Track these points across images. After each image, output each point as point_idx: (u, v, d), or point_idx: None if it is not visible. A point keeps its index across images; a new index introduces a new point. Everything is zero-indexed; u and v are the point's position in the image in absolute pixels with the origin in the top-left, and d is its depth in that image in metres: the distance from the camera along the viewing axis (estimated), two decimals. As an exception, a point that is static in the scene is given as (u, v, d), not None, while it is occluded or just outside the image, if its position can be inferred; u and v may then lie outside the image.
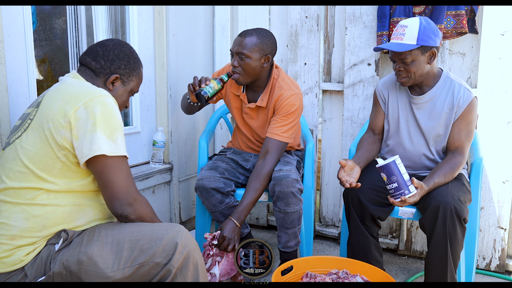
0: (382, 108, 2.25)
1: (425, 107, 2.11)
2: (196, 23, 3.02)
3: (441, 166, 2.03)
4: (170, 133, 2.83)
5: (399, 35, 2.00)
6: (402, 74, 2.04)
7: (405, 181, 1.84)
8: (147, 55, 2.75)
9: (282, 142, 2.24)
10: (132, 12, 2.62)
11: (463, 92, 2.05)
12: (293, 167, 2.24)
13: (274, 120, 2.26)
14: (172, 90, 2.82)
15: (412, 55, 1.98)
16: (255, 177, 2.18)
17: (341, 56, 2.85)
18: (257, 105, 2.31)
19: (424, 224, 1.93)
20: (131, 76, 1.61)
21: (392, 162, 1.85)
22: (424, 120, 2.12)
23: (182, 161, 2.96)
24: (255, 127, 2.38)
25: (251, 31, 2.18)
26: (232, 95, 2.41)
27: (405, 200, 1.85)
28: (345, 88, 2.78)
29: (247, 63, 2.18)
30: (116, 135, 1.41)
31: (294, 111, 2.24)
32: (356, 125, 2.79)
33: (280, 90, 2.26)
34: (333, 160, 2.97)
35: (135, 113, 2.74)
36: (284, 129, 2.23)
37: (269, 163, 2.19)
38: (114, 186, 1.40)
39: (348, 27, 2.73)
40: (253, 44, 2.16)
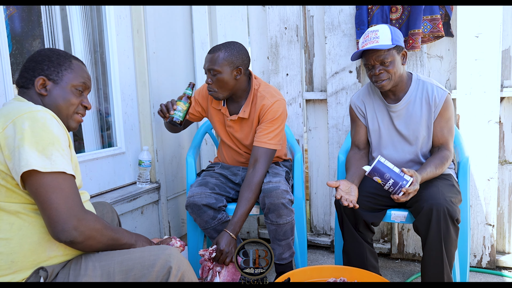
0: (362, 121, 2.24)
1: (403, 113, 2.12)
2: (176, 39, 3.02)
3: (430, 159, 2.05)
4: (156, 151, 2.81)
5: (373, 39, 2.02)
6: (383, 77, 2.03)
7: (398, 174, 1.86)
8: (128, 74, 2.74)
9: (270, 150, 2.24)
10: (110, 31, 2.62)
11: (437, 91, 2.07)
12: (282, 178, 2.23)
13: (259, 128, 2.25)
14: (155, 108, 2.80)
15: (391, 55, 2.00)
16: (246, 187, 2.16)
17: (322, 65, 2.86)
18: (239, 116, 2.30)
19: (418, 227, 1.94)
20: (60, 72, 1.49)
21: (378, 163, 1.88)
22: (405, 126, 2.12)
23: (169, 179, 2.94)
24: (240, 138, 2.37)
25: (219, 46, 2.20)
26: (214, 110, 2.41)
27: (407, 190, 1.85)
28: (328, 97, 2.80)
29: (219, 78, 2.19)
30: (49, 150, 1.28)
31: (279, 116, 2.24)
32: (342, 132, 2.79)
33: (263, 100, 2.27)
34: (320, 169, 2.96)
35: (119, 133, 2.71)
36: (271, 136, 2.23)
37: (259, 172, 2.19)
38: (52, 208, 1.27)
39: (328, 36, 2.75)
40: (222, 59, 2.17)
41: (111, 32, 2.61)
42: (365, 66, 2.08)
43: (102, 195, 2.53)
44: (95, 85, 2.59)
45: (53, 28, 2.30)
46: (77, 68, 1.52)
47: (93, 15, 2.56)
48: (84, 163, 2.44)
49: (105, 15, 2.60)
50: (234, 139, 2.41)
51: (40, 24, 2.28)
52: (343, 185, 1.99)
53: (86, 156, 2.46)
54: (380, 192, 2.03)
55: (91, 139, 2.56)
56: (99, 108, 2.64)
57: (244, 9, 2.99)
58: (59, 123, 1.36)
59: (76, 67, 1.52)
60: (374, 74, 2.04)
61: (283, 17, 2.85)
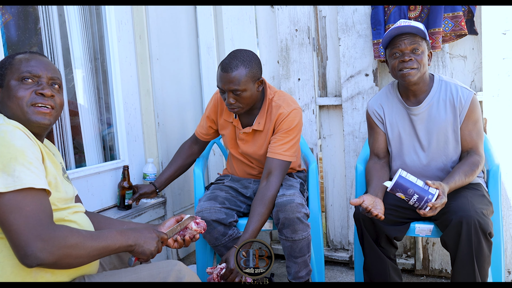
0: (381, 128, 2.21)
1: (425, 117, 2.09)
2: (180, 44, 3.01)
3: (459, 166, 2.01)
4: (161, 164, 2.79)
5: (406, 22, 2.01)
6: (413, 65, 1.99)
7: (422, 188, 1.82)
8: (131, 82, 2.72)
9: (285, 162, 2.21)
10: (111, 37, 2.60)
11: (462, 92, 2.04)
12: (297, 191, 2.20)
13: (274, 138, 2.23)
14: (159, 117, 2.78)
15: (423, 46, 2.00)
16: (259, 202, 2.13)
17: (336, 68, 2.82)
18: (253, 129, 2.27)
19: (446, 241, 1.89)
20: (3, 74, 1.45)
21: (399, 178, 1.84)
22: (428, 131, 2.09)
23: (175, 193, 2.92)
24: (252, 152, 2.33)
25: (233, 62, 2.12)
26: (224, 122, 2.38)
27: (434, 205, 1.81)
28: (343, 102, 2.76)
29: (244, 96, 2.15)
30: (12, 166, 1.23)
31: (295, 127, 2.22)
32: (359, 140, 2.75)
33: (278, 109, 2.24)
34: (336, 179, 2.92)
35: (122, 145, 2.68)
36: (286, 147, 2.20)
37: (273, 185, 2.16)
38: (12, 231, 1.20)
39: (342, 38, 2.71)
40: (244, 76, 2.11)
41: (112, 38, 2.60)
42: (390, 56, 2.04)
43: (105, 211, 2.49)
44: (96, 94, 2.56)
45: (51, 35, 2.29)
46: (17, 62, 1.45)
47: (93, 21, 2.54)
48: (85, 177, 2.41)
49: (106, 20, 2.58)
50: (245, 153, 2.38)
51: (37, 32, 2.26)
52: (367, 200, 1.94)
53: (87, 170, 2.43)
54: (403, 204, 1.97)
55: (92, 152, 2.54)
56: (101, 118, 2.62)
57: (252, 11, 2.97)
58: (25, 134, 1.31)
59: (17, 62, 1.45)
60: (403, 60, 1.99)
61: (294, 18, 2.82)
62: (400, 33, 2.01)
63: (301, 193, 2.24)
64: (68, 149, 2.38)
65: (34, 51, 1.54)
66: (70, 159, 2.39)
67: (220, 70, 2.14)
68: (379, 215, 1.90)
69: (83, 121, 2.47)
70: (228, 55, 2.18)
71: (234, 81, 2.10)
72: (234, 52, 2.19)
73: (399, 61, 2.01)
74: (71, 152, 2.39)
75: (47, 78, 1.46)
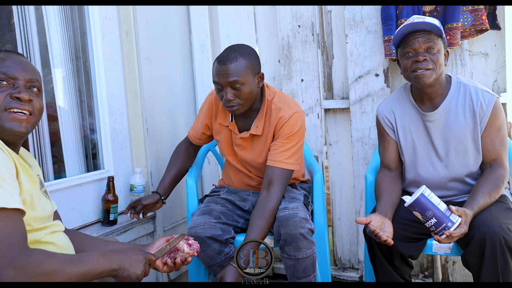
0: (392, 136, 2.16)
1: (442, 123, 2.03)
2: (172, 42, 2.98)
3: (482, 184, 1.94)
4: (150, 174, 2.74)
5: (420, 18, 1.95)
6: (427, 65, 1.93)
7: (443, 212, 1.77)
8: (116, 84, 2.66)
9: (287, 170, 2.16)
10: (94, 34, 2.54)
11: (483, 95, 1.98)
12: (300, 204, 2.14)
13: (274, 144, 2.18)
14: (148, 123, 2.73)
15: (439, 44, 1.95)
16: (258, 215, 2.07)
17: (343, 68, 2.79)
18: (251, 133, 2.22)
19: (468, 260, 1.82)
20: None
21: (421, 196, 1.78)
22: (445, 140, 2.03)
23: (166, 206, 2.82)
24: (250, 159, 2.28)
25: (231, 54, 2.10)
26: (219, 126, 2.33)
27: (451, 234, 1.75)
28: (351, 105, 2.72)
29: (244, 91, 2.09)
30: None
31: (297, 131, 2.17)
32: (368, 146, 2.69)
33: (279, 112, 2.19)
34: (344, 190, 2.87)
35: (106, 153, 2.62)
36: (288, 154, 2.15)
37: (275, 196, 2.10)
38: None
39: (349, 34, 2.67)
40: (244, 67, 2.08)
41: (96, 36, 2.54)
42: (402, 55, 1.99)
43: (87, 228, 2.42)
44: (77, 97, 2.50)
45: (27, 31, 2.21)
46: None
47: (74, 16, 2.47)
48: (65, 190, 2.35)
49: (88, 15, 2.52)
50: (243, 161, 2.33)
51: (11, 27, 2.18)
52: (375, 220, 1.89)
53: (67, 182, 2.37)
54: (417, 219, 1.90)
55: (73, 161, 2.47)
56: (83, 124, 2.56)
57: (250, 5, 2.95)
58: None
59: None
60: (416, 60, 1.93)
61: (296, 13, 2.78)
62: (413, 30, 1.94)
63: (305, 206, 2.18)
64: (46, 158, 2.31)
65: (10, 50, 1.47)
66: (48, 169, 2.33)
67: (216, 64, 2.11)
68: (388, 241, 1.84)
69: (63, 127, 2.41)
70: (225, 49, 2.16)
71: (233, 73, 2.06)
72: (230, 46, 2.17)
73: (412, 61, 1.95)
74: (49, 161, 2.33)
75: (25, 80, 1.42)
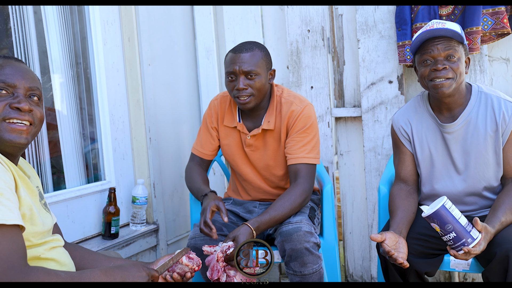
0: (408, 148, 2.16)
1: (461, 135, 2.03)
2: (175, 47, 2.99)
3: (503, 199, 1.93)
4: (153, 185, 2.75)
5: (440, 23, 1.95)
6: (447, 74, 1.92)
7: (463, 227, 1.75)
8: (118, 91, 2.68)
9: (310, 165, 2.20)
10: (96, 39, 2.57)
11: (505, 106, 1.97)
12: (305, 217, 2.15)
13: (291, 141, 2.22)
14: (151, 132, 2.74)
15: (460, 52, 1.94)
16: (284, 196, 2.13)
17: (355, 74, 2.80)
18: (263, 128, 2.25)
19: (490, 278, 1.81)
20: None
21: (442, 208, 1.75)
22: (464, 153, 2.04)
23: (169, 219, 2.88)
24: (262, 161, 2.30)
25: (246, 44, 2.21)
26: (226, 129, 2.34)
27: (470, 251, 1.73)
28: (363, 113, 2.74)
29: (257, 82, 2.17)
30: None
31: (312, 124, 2.24)
32: (381, 157, 2.70)
33: (290, 105, 2.25)
34: (356, 203, 2.88)
35: (107, 164, 2.64)
36: (308, 148, 2.20)
37: (302, 186, 2.16)
38: None
39: (361, 39, 2.69)
40: (260, 58, 2.18)
41: (97, 41, 2.57)
42: (420, 63, 1.98)
43: (87, 241, 2.45)
44: (77, 104, 2.53)
45: (26, 36, 2.25)
46: None
47: (74, 20, 2.51)
48: (65, 202, 2.38)
49: (89, 19, 2.56)
50: (256, 164, 2.33)
51: (8, 32, 2.22)
52: (390, 239, 1.87)
53: (67, 193, 2.40)
54: (434, 233, 1.90)
55: (73, 172, 2.50)
56: (83, 133, 2.58)
57: (257, 9, 2.98)
58: None
59: None
60: (435, 68, 1.93)
61: (305, 17, 2.79)
62: (432, 37, 1.94)
63: (310, 219, 2.19)
64: (45, 169, 2.34)
65: (8, 56, 1.48)
66: (48, 180, 2.35)
67: (231, 54, 2.19)
68: (404, 264, 1.83)
69: (63, 136, 2.43)
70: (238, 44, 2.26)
71: (249, 61, 2.15)
72: (247, 41, 2.28)
73: (430, 70, 1.95)
74: (48, 172, 2.35)
75: (25, 88, 1.41)
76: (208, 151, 2.40)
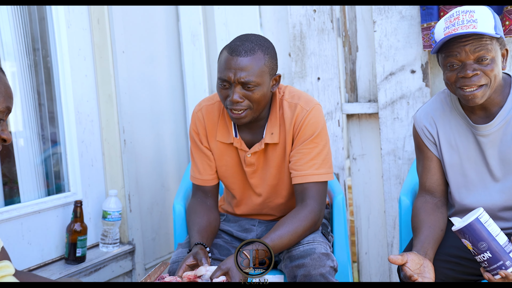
0: (434, 152, 2.05)
1: (499, 138, 1.93)
2: (155, 32, 2.96)
3: None
4: (128, 197, 2.71)
5: (469, 22, 1.80)
6: (477, 81, 1.80)
7: (501, 247, 1.68)
8: (86, 84, 2.63)
9: (321, 183, 2.08)
10: (57, 21, 2.50)
11: None
12: (318, 235, 2.06)
13: (297, 153, 2.09)
14: (126, 133, 2.69)
15: (493, 50, 1.80)
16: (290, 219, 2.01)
17: (370, 62, 2.75)
18: (266, 142, 2.12)
19: None
20: None
21: (476, 221, 1.69)
22: (503, 159, 1.95)
23: (148, 238, 2.85)
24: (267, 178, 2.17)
25: (247, 44, 2.03)
26: (220, 146, 2.19)
27: (508, 276, 1.66)
28: (380, 109, 2.67)
29: (256, 93, 2.00)
30: None
31: (322, 130, 2.12)
32: (403, 161, 2.63)
33: (295, 109, 2.11)
34: (372, 217, 2.82)
35: (72, 172, 2.58)
36: (318, 162, 2.07)
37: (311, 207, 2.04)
38: None
39: (377, 21, 2.62)
40: (263, 64, 2.00)
41: (59, 22, 2.49)
42: (444, 65, 1.88)
43: (47, 267, 2.39)
44: (35, 100, 2.48)
45: None
46: None
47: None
48: (19, 219, 2.31)
49: None
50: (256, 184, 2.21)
51: None
52: (412, 261, 1.79)
53: (22, 208, 2.34)
54: (468, 255, 1.82)
55: (29, 182, 2.45)
56: (42, 134, 2.54)
57: None
58: None
59: None
60: (464, 76, 1.81)
61: None
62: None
63: (324, 237, 2.10)
64: None
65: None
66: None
67: (227, 54, 2.02)
68: None
69: (17, 138, 2.39)
70: (237, 38, 2.08)
71: (248, 69, 1.98)
72: (244, 35, 2.10)
73: (458, 76, 1.84)
74: None
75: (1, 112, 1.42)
76: (210, 176, 2.25)
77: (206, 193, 2.25)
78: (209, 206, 2.25)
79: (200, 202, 2.24)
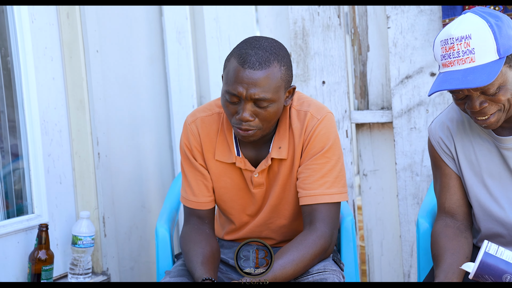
0: (452, 167, 2.02)
1: None
2: (134, 27, 2.94)
3: None
4: (103, 220, 2.68)
5: (465, 54, 1.78)
6: (488, 111, 1.79)
7: None
8: (53, 89, 2.60)
9: (333, 205, 2.05)
10: (18, 15, 2.47)
11: None
12: (329, 263, 2.03)
13: (306, 170, 2.06)
14: (100, 145, 2.67)
15: (499, 78, 1.78)
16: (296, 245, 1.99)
17: (383, 64, 2.71)
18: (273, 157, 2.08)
19: None
20: None
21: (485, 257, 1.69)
22: None
23: (125, 267, 2.82)
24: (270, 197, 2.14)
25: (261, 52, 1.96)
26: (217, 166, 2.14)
27: None
28: (394, 118, 2.64)
29: (269, 111, 1.96)
30: None
31: (334, 142, 2.09)
32: (421, 178, 2.61)
33: (305, 117, 2.08)
34: (386, 242, 2.78)
35: (37, 190, 2.54)
36: (330, 180, 2.04)
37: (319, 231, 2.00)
38: None
39: (391, 16, 2.59)
40: (278, 77, 1.95)
41: (21, 17, 2.47)
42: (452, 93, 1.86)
43: None
44: None
45: None
46: None
47: None
48: None
49: None
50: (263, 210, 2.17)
51: None
52: None
53: None
54: None
55: None
56: (1, 147, 2.53)
57: None
58: None
59: None
60: (472, 108, 1.80)
61: None
62: None
63: (336, 264, 2.07)
64: None
65: None
66: None
67: (237, 64, 1.95)
68: None
69: None
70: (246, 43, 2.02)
71: (263, 84, 1.92)
72: (255, 41, 2.03)
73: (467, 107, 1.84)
74: None
75: None
76: (207, 198, 2.20)
77: (202, 218, 2.19)
78: (208, 234, 2.19)
79: (197, 229, 2.17)
